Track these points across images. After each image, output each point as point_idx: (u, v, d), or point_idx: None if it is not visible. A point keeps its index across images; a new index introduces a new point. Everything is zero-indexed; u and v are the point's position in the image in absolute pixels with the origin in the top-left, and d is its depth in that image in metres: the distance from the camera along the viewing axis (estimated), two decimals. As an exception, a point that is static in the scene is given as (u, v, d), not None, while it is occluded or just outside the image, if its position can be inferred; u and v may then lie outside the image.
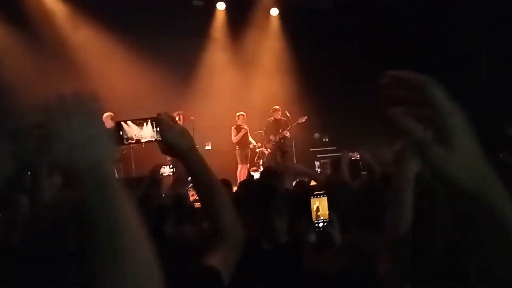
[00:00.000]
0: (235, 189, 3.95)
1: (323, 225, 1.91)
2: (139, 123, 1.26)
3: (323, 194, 1.95)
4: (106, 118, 7.19)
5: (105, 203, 0.69)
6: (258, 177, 6.69)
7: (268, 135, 9.20)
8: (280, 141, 9.04)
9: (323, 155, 10.18)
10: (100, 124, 0.76)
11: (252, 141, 9.29)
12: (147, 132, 1.26)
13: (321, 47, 9.92)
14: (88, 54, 8.69)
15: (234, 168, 9.03)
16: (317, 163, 10.04)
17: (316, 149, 10.62)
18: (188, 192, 3.84)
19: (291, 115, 9.32)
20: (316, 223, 1.93)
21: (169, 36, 9.42)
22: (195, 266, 1.20)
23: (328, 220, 1.92)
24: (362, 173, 3.81)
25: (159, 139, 1.24)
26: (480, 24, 8.37)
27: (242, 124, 9.05)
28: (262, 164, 9.10)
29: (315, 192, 1.97)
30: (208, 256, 1.19)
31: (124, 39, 8.91)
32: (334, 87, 10.00)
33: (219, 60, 10.37)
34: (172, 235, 2.42)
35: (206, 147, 9.43)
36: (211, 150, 9.40)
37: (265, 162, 9.13)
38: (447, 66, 8.12)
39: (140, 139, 1.27)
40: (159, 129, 1.23)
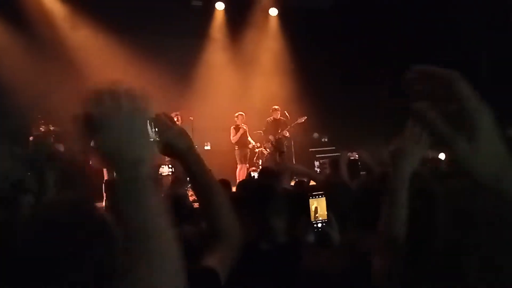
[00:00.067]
0: (234, 189, 3.95)
1: (321, 225, 1.91)
2: None
3: (321, 195, 1.94)
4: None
5: (140, 197, 0.72)
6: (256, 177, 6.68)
7: (267, 135, 9.19)
8: (277, 141, 9.03)
9: (322, 155, 10.20)
10: (147, 122, 0.79)
11: (251, 141, 9.29)
12: None
13: (320, 47, 9.92)
14: (87, 54, 8.70)
15: (234, 168, 9.03)
16: (316, 163, 10.05)
17: (315, 149, 10.63)
18: (187, 192, 3.82)
19: (290, 115, 9.32)
20: (314, 223, 1.92)
21: (168, 36, 9.42)
22: (193, 266, 1.19)
23: (327, 221, 1.91)
24: (361, 173, 3.81)
25: (157, 139, 1.23)
26: (480, 24, 8.37)
27: (241, 124, 9.05)
28: (262, 164, 9.09)
29: (313, 192, 1.96)
30: (206, 257, 1.19)
31: (123, 39, 8.91)
32: (333, 87, 10.00)
33: (218, 60, 10.37)
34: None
35: (205, 147, 9.43)
36: (210, 150, 9.41)
37: (264, 162, 9.13)
38: (447, 66, 8.08)
39: None
40: (157, 129, 1.23)
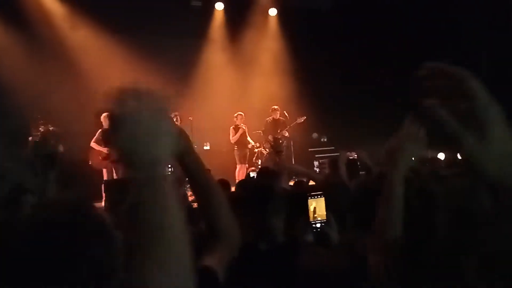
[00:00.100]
0: (234, 189, 3.94)
1: (320, 225, 1.90)
2: None
3: (320, 195, 1.94)
4: (104, 118, 7.17)
5: (157, 198, 0.74)
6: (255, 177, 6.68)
7: (267, 135, 9.20)
8: (276, 141, 9.03)
9: (321, 155, 10.20)
10: (168, 123, 0.79)
11: (251, 141, 9.29)
12: None
13: (319, 47, 9.92)
14: (87, 54, 8.68)
15: (233, 168, 9.02)
16: (315, 163, 10.05)
17: (314, 149, 10.63)
18: (186, 192, 3.81)
19: (290, 115, 9.32)
20: (313, 223, 1.92)
21: (167, 36, 9.40)
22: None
23: (326, 221, 1.91)
24: (360, 173, 3.81)
25: None
26: (481, 24, 8.37)
27: (240, 124, 9.05)
28: (261, 164, 9.09)
29: (312, 192, 1.96)
30: (205, 256, 1.19)
31: (122, 39, 8.90)
32: (333, 87, 9.99)
33: (217, 60, 10.37)
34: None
35: (204, 147, 9.43)
36: (209, 150, 9.41)
37: (263, 162, 9.13)
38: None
39: None
40: None
